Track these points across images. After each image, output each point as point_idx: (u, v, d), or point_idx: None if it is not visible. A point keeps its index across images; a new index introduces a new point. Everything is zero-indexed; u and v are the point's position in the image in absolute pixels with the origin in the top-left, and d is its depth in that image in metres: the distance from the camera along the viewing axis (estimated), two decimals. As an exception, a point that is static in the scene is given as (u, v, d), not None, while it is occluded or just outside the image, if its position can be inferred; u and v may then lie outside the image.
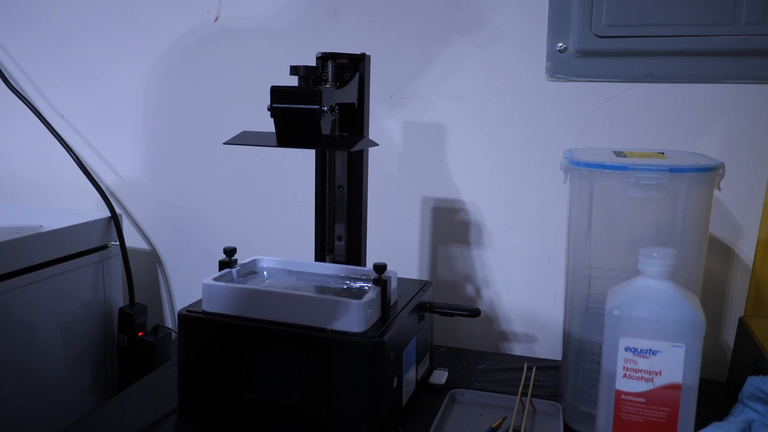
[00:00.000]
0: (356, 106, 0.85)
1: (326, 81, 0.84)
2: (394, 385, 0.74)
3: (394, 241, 1.09)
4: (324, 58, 0.84)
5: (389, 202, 1.08)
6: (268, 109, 0.72)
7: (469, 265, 1.06)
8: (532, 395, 0.82)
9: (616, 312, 0.61)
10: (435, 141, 1.04)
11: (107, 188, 1.25)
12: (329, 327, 0.71)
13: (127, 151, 1.23)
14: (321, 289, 0.80)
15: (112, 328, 1.13)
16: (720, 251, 0.94)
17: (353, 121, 0.86)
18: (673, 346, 0.59)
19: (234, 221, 1.18)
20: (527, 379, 0.87)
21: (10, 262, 0.94)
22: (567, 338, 0.79)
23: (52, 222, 1.03)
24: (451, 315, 0.87)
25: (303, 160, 1.11)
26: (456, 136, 1.03)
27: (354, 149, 0.74)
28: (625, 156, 0.76)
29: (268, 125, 0.75)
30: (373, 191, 1.07)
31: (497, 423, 0.76)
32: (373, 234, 1.07)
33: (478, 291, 1.06)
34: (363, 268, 0.84)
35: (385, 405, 0.72)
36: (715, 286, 0.95)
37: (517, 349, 1.06)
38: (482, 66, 1.00)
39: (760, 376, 0.67)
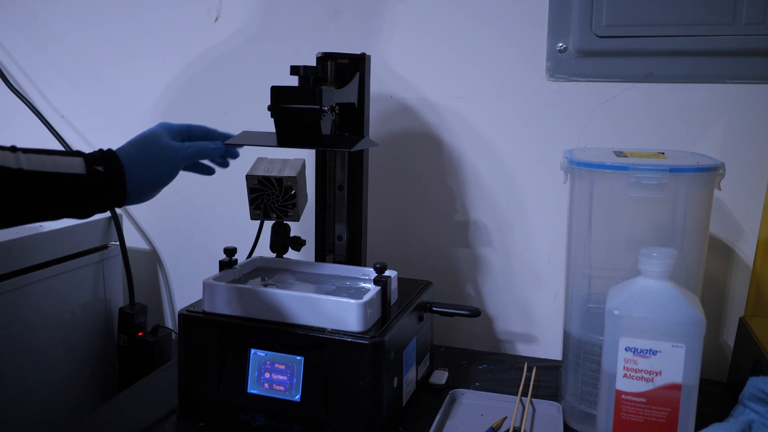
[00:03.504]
0: (356, 106, 0.85)
1: (326, 81, 0.84)
2: (394, 385, 0.74)
3: (394, 241, 1.09)
4: (324, 58, 0.84)
5: (389, 202, 1.08)
6: (269, 109, 0.72)
7: (469, 265, 1.06)
8: (532, 395, 0.82)
9: (616, 312, 0.61)
10: (435, 141, 1.04)
11: (107, 188, 1.24)
12: (329, 327, 0.71)
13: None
14: (321, 289, 0.80)
15: (112, 328, 1.13)
16: (720, 251, 0.94)
17: (353, 121, 0.86)
18: (673, 346, 0.59)
19: (234, 221, 1.18)
20: (527, 379, 0.87)
21: (10, 262, 0.94)
22: (567, 338, 0.79)
23: (52, 222, 1.03)
24: (451, 315, 0.87)
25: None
26: (456, 136, 1.03)
27: (354, 149, 0.74)
28: (626, 156, 0.76)
29: (268, 125, 0.75)
30: (373, 191, 1.07)
31: (497, 423, 0.76)
32: (373, 234, 1.07)
33: (478, 291, 1.06)
34: (363, 268, 0.85)
35: (385, 405, 0.72)
36: (715, 286, 0.95)
37: (517, 349, 1.06)
38: (482, 66, 1.00)
39: (761, 376, 0.67)
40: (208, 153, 0.75)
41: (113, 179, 0.67)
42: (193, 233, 1.21)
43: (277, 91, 0.72)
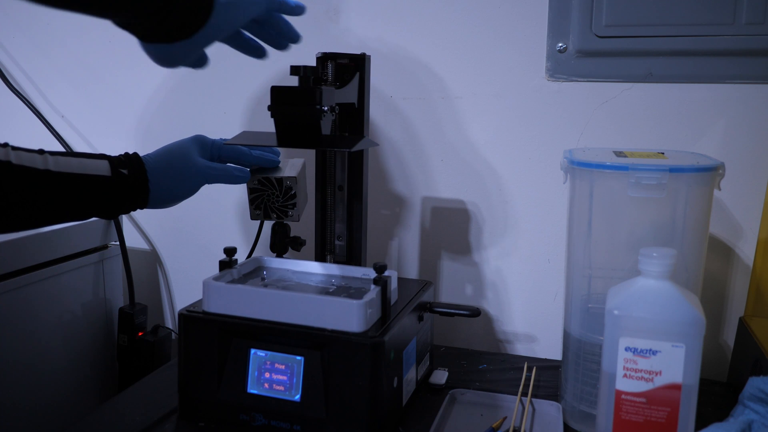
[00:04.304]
0: (356, 106, 0.85)
1: (326, 81, 0.84)
2: (394, 385, 0.74)
3: (394, 241, 1.09)
4: (324, 58, 0.84)
5: (389, 202, 1.08)
6: (268, 109, 0.72)
7: (469, 265, 1.06)
8: (532, 395, 0.82)
9: (616, 312, 0.61)
10: (435, 141, 1.04)
11: (107, 188, 1.24)
12: (329, 327, 0.71)
13: (127, 151, 1.23)
14: (321, 289, 0.80)
15: (112, 328, 1.13)
16: (720, 251, 0.94)
17: (353, 121, 0.86)
18: (673, 346, 0.59)
19: (234, 221, 1.18)
20: (527, 379, 0.87)
21: (10, 262, 0.94)
22: (567, 338, 0.79)
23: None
24: (451, 315, 0.87)
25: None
26: (456, 136, 1.03)
27: (354, 149, 0.74)
28: (625, 156, 0.76)
29: (268, 125, 0.75)
30: (373, 191, 1.07)
31: (497, 423, 0.76)
32: (373, 234, 1.07)
33: (478, 291, 1.06)
34: (363, 268, 0.84)
35: (385, 405, 0.72)
36: (715, 286, 0.95)
37: (517, 349, 1.06)
38: (482, 66, 1.00)
39: (761, 376, 0.67)
40: (231, 179, 0.76)
41: (136, 183, 0.69)
42: (193, 233, 1.21)
43: (277, 91, 0.72)
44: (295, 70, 0.73)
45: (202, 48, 0.65)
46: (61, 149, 1.20)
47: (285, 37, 0.73)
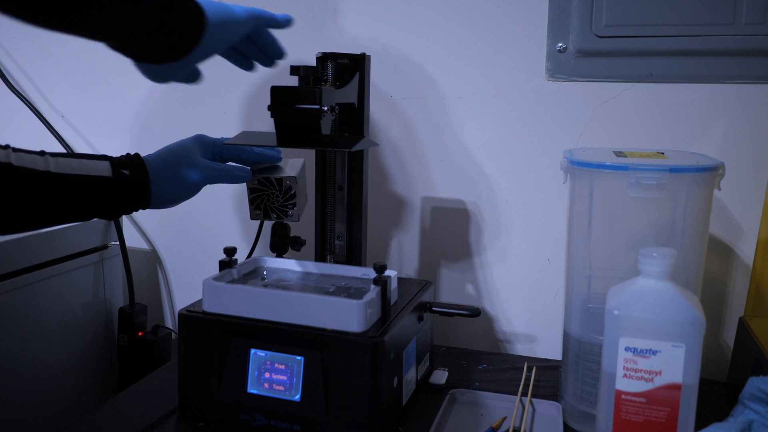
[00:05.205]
0: (356, 106, 0.85)
1: (326, 81, 0.84)
2: (394, 385, 0.74)
3: (394, 241, 1.09)
4: (324, 58, 0.84)
5: (389, 202, 1.08)
6: (268, 109, 0.72)
7: (469, 265, 1.06)
8: (532, 395, 0.82)
9: (616, 312, 0.61)
10: (435, 141, 1.04)
11: (107, 188, 1.24)
12: (329, 327, 0.71)
13: (127, 151, 1.23)
14: (321, 289, 0.80)
15: (112, 328, 1.13)
16: (720, 251, 0.94)
17: (353, 121, 0.86)
18: (673, 346, 0.59)
19: (234, 221, 1.18)
20: (527, 379, 0.87)
21: (10, 262, 0.94)
22: (567, 338, 0.79)
23: (52, 222, 1.03)
24: (451, 315, 0.87)
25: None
26: (456, 136, 1.03)
27: (354, 149, 0.74)
28: (625, 156, 0.76)
29: (269, 125, 0.75)
30: (373, 191, 1.07)
31: (497, 423, 0.76)
32: (373, 234, 1.07)
33: (478, 291, 1.06)
34: (363, 268, 0.84)
35: (385, 405, 0.72)
36: (715, 286, 0.95)
37: (517, 349, 1.06)
38: (482, 66, 1.00)
39: (761, 376, 0.67)
40: (233, 179, 0.76)
41: (138, 184, 0.69)
42: (193, 233, 1.21)
43: (277, 91, 0.72)
44: (295, 70, 0.73)
45: (195, 65, 0.66)
46: (62, 149, 1.20)
47: (271, 53, 0.73)
